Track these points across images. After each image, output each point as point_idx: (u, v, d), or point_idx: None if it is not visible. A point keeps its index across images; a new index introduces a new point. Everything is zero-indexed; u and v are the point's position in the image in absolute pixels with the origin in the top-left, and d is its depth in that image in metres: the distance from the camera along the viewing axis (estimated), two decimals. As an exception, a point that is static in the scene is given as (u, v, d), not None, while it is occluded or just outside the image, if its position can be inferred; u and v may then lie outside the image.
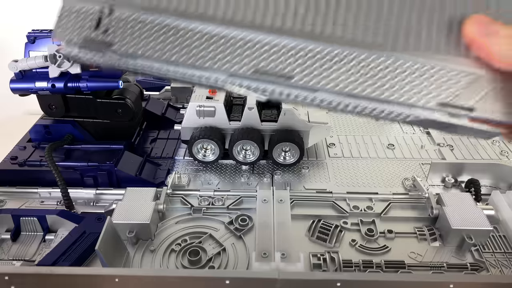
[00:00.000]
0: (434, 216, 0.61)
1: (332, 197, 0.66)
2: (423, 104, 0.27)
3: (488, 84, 0.27)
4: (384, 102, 0.28)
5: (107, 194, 0.68)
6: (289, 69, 0.29)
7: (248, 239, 0.59)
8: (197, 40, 0.29)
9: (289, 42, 0.29)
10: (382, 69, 0.28)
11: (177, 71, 0.30)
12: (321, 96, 0.29)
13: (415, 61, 0.28)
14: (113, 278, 0.42)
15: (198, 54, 0.29)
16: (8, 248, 0.59)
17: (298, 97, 0.29)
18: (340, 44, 0.28)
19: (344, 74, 0.28)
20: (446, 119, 0.28)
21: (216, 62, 0.29)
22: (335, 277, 0.42)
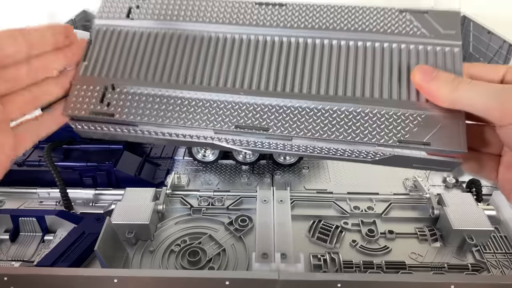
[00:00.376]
0: (435, 216, 0.61)
1: (332, 197, 0.66)
2: (385, 142, 0.31)
3: (438, 121, 0.31)
4: (352, 143, 0.33)
5: (106, 194, 0.67)
6: (265, 123, 0.34)
7: (248, 240, 0.58)
8: (186, 105, 0.34)
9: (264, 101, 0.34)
10: (346, 115, 0.33)
11: (170, 133, 0.35)
12: (296, 142, 0.34)
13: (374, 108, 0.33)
14: (112, 279, 0.42)
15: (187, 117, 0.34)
16: (7, 249, 0.59)
17: (277, 147, 0.34)
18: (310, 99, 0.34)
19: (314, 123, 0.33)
20: (408, 153, 0.32)
21: (203, 122, 0.34)
22: (336, 278, 0.42)
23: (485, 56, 0.95)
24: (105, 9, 0.40)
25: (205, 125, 0.34)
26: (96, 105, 0.34)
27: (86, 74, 0.36)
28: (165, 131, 0.35)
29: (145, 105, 0.34)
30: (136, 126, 0.35)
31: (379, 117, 0.33)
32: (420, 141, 0.31)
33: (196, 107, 0.34)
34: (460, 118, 0.31)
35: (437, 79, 0.30)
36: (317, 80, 0.35)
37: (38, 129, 0.31)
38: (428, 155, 0.32)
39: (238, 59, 0.37)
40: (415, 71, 0.32)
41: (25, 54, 0.29)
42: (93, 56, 0.37)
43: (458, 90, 0.29)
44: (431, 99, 0.31)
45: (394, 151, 0.32)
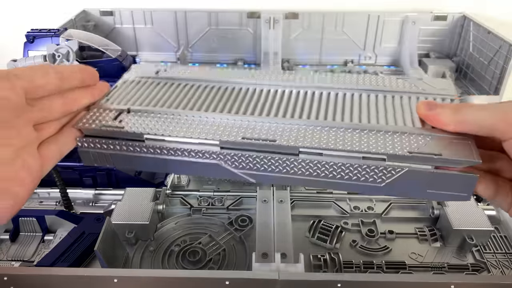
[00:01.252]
0: (435, 216, 0.61)
1: (332, 197, 0.66)
2: (396, 152, 0.31)
3: (447, 140, 0.31)
4: (361, 156, 0.32)
5: (106, 194, 0.67)
6: (272, 136, 0.34)
7: (248, 240, 0.58)
8: (195, 122, 0.35)
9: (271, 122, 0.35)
10: (354, 134, 0.33)
11: (175, 149, 0.35)
12: (304, 157, 0.33)
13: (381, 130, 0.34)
14: (112, 279, 0.42)
15: (195, 130, 0.34)
16: (7, 249, 0.59)
17: (284, 165, 0.34)
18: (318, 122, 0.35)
19: (322, 138, 0.33)
20: (420, 168, 0.31)
21: (210, 134, 0.34)
22: (336, 278, 0.42)
23: (485, 56, 0.95)
24: (136, 69, 0.44)
25: (211, 137, 0.34)
26: (108, 121, 0.36)
27: (106, 103, 0.38)
28: (169, 147, 0.35)
29: (156, 122, 0.36)
30: (142, 142, 0.35)
31: (387, 136, 0.33)
32: (431, 152, 0.31)
33: (205, 124, 0.35)
34: (469, 139, 0.31)
35: (441, 106, 0.32)
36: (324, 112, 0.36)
37: (60, 149, 0.33)
38: (441, 170, 0.31)
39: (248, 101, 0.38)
40: (419, 104, 0.33)
41: (56, 86, 0.32)
42: (116, 94, 0.40)
43: (461, 110, 0.30)
44: (436, 124, 0.32)
45: (405, 166, 0.31)
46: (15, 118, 0.29)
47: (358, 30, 1.07)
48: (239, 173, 0.35)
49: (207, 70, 0.43)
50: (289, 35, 1.08)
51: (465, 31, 1.04)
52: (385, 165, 0.31)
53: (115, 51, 0.68)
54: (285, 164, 0.33)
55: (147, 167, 0.37)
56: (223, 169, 0.35)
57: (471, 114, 0.29)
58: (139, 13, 1.06)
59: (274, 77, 0.41)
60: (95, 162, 0.37)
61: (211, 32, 1.08)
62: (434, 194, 0.32)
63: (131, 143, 0.35)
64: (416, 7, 1.07)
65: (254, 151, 0.33)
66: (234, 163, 0.34)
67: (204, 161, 0.35)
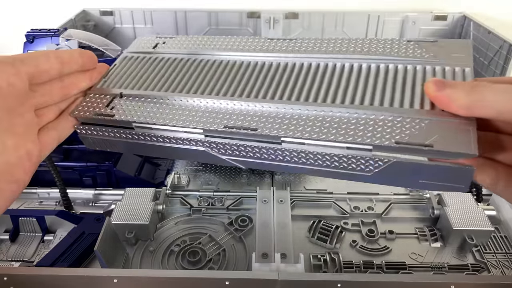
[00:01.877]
0: (435, 216, 0.61)
1: (332, 197, 0.66)
2: (381, 143, 0.29)
3: (444, 126, 0.28)
4: (345, 145, 0.30)
5: (106, 194, 0.67)
6: (255, 124, 0.33)
7: (248, 240, 0.58)
8: (181, 109, 0.36)
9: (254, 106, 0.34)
10: (341, 119, 0.31)
11: (163, 136, 0.35)
12: (286, 146, 0.32)
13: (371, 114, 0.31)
14: (112, 279, 0.42)
15: (180, 118, 0.35)
16: (6, 249, 0.59)
17: (268, 153, 0.33)
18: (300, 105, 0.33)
19: (306, 125, 0.32)
20: (409, 159, 0.29)
21: (194, 123, 0.34)
22: (336, 278, 0.42)
23: (485, 56, 0.94)
24: (136, 44, 0.46)
25: (195, 125, 0.34)
26: (101, 109, 0.36)
27: (102, 87, 0.39)
28: (158, 134, 0.35)
29: (144, 109, 0.36)
30: (132, 130, 0.36)
31: (377, 122, 0.30)
32: (420, 143, 0.28)
33: (191, 111, 0.35)
34: (471, 125, 0.28)
35: (453, 86, 0.28)
36: (316, 92, 0.34)
37: (59, 134, 0.34)
38: (434, 162, 0.28)
39: (233, 76, 0.38)
40: (428, 83, 0.29)
41: (57, 71, 0.32)
42: (113, 74, 0.41)
43: (476, 92, 0.26)
44: (445, 107, 0.28)
45: (393, 157, 0.29)
46: (19, 105, 0.29)
47: (358, 30, 1.07)
48: (226, 159, 0.35)
49: (200, 40, 0.44)
50: (289, 35, 1.08)
51: (465, 31, 1.04)
52: (371, 155, 0.29)
53: (115, 51, 0.68)
54: (269, 152, 0.33)
55: (139, 151, 0.38)
56: (210, 155, 0.35)
57: (489, 97, 0.25)
58: (139, 13, 1.06)
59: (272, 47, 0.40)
60: (95, 146, 0.39)
61: (211, 32, 1.08)
62: (427, 185, 0.30)
63: (122, 130, 0.36)
64: (416, 7, 1.07)
65: (237, 139, 0.33)
66: (220, 150, 0.34)
67: (191, 147, 0.35)
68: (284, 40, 0.41)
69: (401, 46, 0.36)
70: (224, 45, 0.43)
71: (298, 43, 0.40)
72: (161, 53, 0.43)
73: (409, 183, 0.30)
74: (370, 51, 0.37)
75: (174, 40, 0.44)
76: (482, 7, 1.07)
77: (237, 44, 0.42)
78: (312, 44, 0.39)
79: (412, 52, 0.36)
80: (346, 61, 0.36)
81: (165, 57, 0.42)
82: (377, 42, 0.37)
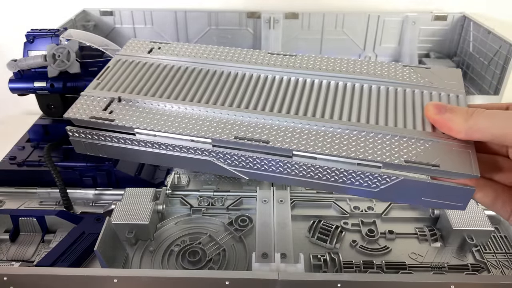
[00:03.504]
0: (435, 216, 0.61)
1: (332, 197, 0.66)
2: (391, 161, 0.30)
3: (446, 148, 0.30)
4: (356, 162, 0.31)
5: (106, 194, 0.67)
6: (266, 137, 0.33)
7: (248, 240, 0.58)
8: (187, 118, 0.35)
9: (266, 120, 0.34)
10: (350, 136, 0.32)
11: (167, 144, 0.34)
12: (297, 160, 0.32)
13: (379, 132, 0.32)
14: (112, 279, 0.42)
15: (186, 127, 0.34)
16: (7, 249, 0.59)
17: (277, 165, 0.33)
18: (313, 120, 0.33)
19: (317, 140, 0.32)
20: (416, 178, 0.30)
21: (202, 132, 0.33)
22: (336, 278, 0.42)
23: (485, 56, 0.94)
24: (129, 47, 0.43)
25: (203, 134, 0.33)
26: (98, 112, 0.35)
27: (96, 89, 0.37)
28: (161, 142, 0.34)
29: (146, 115, 0.35)
30: (133, 135, 0.35)
31: (385, 141, 0.32)
32: (428, 163, 0.30)
33: (198, 120, 0.34)
34: (470, 148, 0.30)
35: (452, 111, 0.30)
36: (322, 107, 0.35)
37: None
38: (438, 181, 0.30)
39: (244, 89, 0.37)
40: (428, 106, 0.32)
41: None
42: (107, 77, 0.39)
43: (473, 118, 0.29)
44: (446, 130, 0.31)
45: (401, 175, 0.30)
46: None
47: (358, 30, 1.07)
48: (231, 170, 0.34)
49: (202, 49, 0.42)
50: (289, 35, 1.08)
51: (465, 31, 1.04)
52: (380, 172, 0.31)
53: (115, 51, 0.68)
54: (278, 165, 0.33)
55: (139, 159, 0.37)
56: (215, 166, 0.34)
57: (484, 123, 0.28)
58: (139, 13, 1.06)
59: (273, 61, 0.40)
60: (87, 151, 0.37)
61: (211, 32, 1.08)
62: (429, 202, 0.31)
63: (122, 135, 0.35)
64: (416, 7, 1.07)
65: (247, 150, 0.33)
66: (226, 160, 0.34)
67: (196, 157, 0.34)
68: (290, 56, 0.41)
69: (397, 70, 0.38)
70: (229, 56, 0.41)
71: (305, 59, 0.40)
72: (159, 58, 0.41)
73: (411, 200, 0.32)
74: (369, 72, 0.38)
75: (170, 46, 0.43)
76: (482, 7, 1.07)
77: (243, 56, 0.41)
78: (319, 62, 0.40)
79: (408, 76, 0.37)
80: (349, 81, 0.38)
81: (163, 63, 0.41)
82: (374, 64, 0.39)
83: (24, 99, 0.74)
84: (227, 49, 0.42)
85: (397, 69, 0.38)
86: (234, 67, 0.40)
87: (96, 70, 0.67)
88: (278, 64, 0.39)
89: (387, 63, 0.39)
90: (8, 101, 0.94)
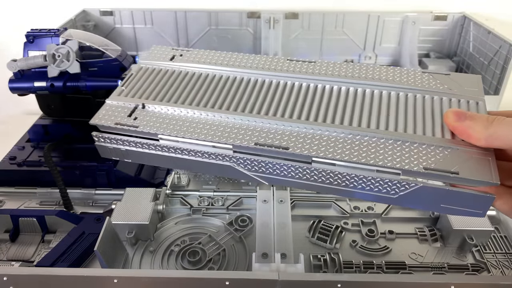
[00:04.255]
0: (435, 216, 0.61)
1: (332, 197, 0.66)
2: (411, 168, 0.30)
3: (466, 155, 0.30)
4: (375, 169, 0.31)
5: (106, 194, 0.67)
6: (285, 143, 0.33)
7: (248, 240, 0.58)
8: (208, 124, 0.35)
9: (285, 126, 0.34)
10: (370, 143, 0.32)
11: (189, 150, 0.35)
12: (316, 166, 0.32)
13: (398, 139, 0.32)
14: (112, 279, 0.42)
15: (208, 133, 0.34)
16: (6, 249, 0.59)
17: (296, 171, 0.33)
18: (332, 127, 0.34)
19: (336, 147, 0.32)
20: (435, 185, 0.31)
21: (223, 138, 0.34)
22: (336, 278, 0.42)
23: (485, 56, 0.94)
24: (151, 54, 0.44)
25: (224, 140, 0.34)
26: (123, 119, 0.36)
27: (120, 96, 0.38)
28: (183, 147, 0.35)
29: (169, 121, 0.36)
30: (157, 141, 0.36)
31: (404, 148, 0.32)
32: (447, 170, 0.30)
33: (219, 126, 0.35)
34: (490, 155, 0.30)
35: (472, 118, 0.30)
36: (341, 114, 0.35)
37: None
38: (457, 188, 0.30)
39: (264, 96, 0.38)
40: (448, 113, 0.31)
41: None
42: (131, 84, 0.40)
43: (493, 126, 0.29)
44: (465, 137, 0.30)
45: (420, 182, 0.30)
46: None
47: (358, 30, 1.07)
48: (252, 175, 0.35)
49: (223, 56, 0.43)
50: (289, 35, 1.08)
51: (465, 31, 1.04)
52: (399, 179, 0.31)
53: (115, 51, 0.68)
54: (298, 171, 0.33)
55: (161, 163, 0.38)
56: (236, 171, 0.35)
57: (505, 131, 0.28)
58: (139, 13, 1.06)
59: (293, 67, 0.40)
60: (112, 156, 0.38)
61: (211, 32, 1.08)
62: (447, 209, 0.31)
63: (146, 141, 0.36)
64: (416, 7, 1.07)
65: (266, 156, 0.33)
66: (247, 166, 0.34)
67: (217, 162, 0.35)
68: (309, 63, 0.41)
69: (416, 76, 0.38)
70: (249, 63, 0.42)
71: (324, 66, 0.41)
72: (180, 65, 0.42)
73: (430, 207, 0.32)
74: (388, 79, 0.38)
75: (192, 53, 0.44)
76: (482, 7, 1.07)
77: (262, 62, 0.42)
78: (338, 68, 0.40)
79: (427, 83, 0.37)
80: (368, 87, 0.38)
81: (185, 70, 0.41)
82: (393, 70, 0.39)
83: (24, 99, 0.74)
84: (247, 56, 0.43)
85: (416, 76, 0.38)
86: (254, 73, 0.40)
87: (96, 70, 0.67)
88: (297, 71, 0.40)
89: (406, 69, 0.39)
90: (8, 101, 0.94)
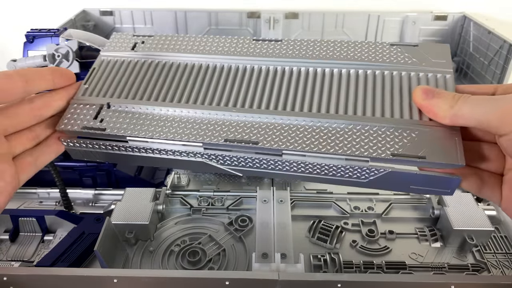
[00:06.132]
0: (435, 216, 0.61)
1: (332, 197, 0.66)
2: (378, 155, 0.31)
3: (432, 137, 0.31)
4: (344, 157, 0.32)
5: (106, 194, 0.67)
6: (255, 137, 0.33)
7: (248, 240, 0.58)
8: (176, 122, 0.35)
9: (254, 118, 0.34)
10: (338, 131, 0.33)
11: (159, 149, 0.35)
12: (287, 158, 0.33)
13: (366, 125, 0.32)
14: (112, 279, 0.42)
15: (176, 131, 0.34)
16: (6, 249, 0.59)
17: (268, 164, 0.33)
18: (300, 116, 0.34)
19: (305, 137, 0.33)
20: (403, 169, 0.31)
21: (192, 137, 0.33)
22: (336, 278, 0.42)
23: (485, 56, 0.94)
24: (112, 43, 0.43)
25: (194, 139, 0.33)
26: (89, 122, 0.35)
27: (85, 95, 0.37)
28: (153, 147, 0.35)
29: (136, 121, 0.35)
30: (126, 143, 0.35)
31: (372, 133, 0.32)
32: (414, 155, 0.30)
33: (187, 123, 0.35)
34: (456, 135, 0.30)
35: (439, 96, 0.30)
36: (309, 100, 0.35)
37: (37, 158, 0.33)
38: (424, 171, 0.31)
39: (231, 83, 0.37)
40: (416, 91, 0.32)
41: (21, 90, 0.30)
42: (94, 80, 0.39)
43: (458, 104, 0.29)
44: (432, 116, 0.31)
45: (388, 167, 0.31)
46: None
47: (358, 30, 1.07)
48: (225, 168, 0.35)
49: (186, 40, 0.41)
50: (289, 35, 1.08)
51: (465, 31, 1.04)
52: (368, 165, 0.31)
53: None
54: (270, 163, 0.33)
55: (133, 163, 0.37)
56: (209, 166, 0.35)
57: (469, 109, 0.28)
58: (139, 13, 1.06)
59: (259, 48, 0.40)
60: (84, 158, 0.38)
61: (211, 32, 1.08)
62: (417, 190, 0.32)
63: (115, 143, 0.35)
64: (416, 7, 1.07)
65: (237, 151, 0.33)
66: (219, 161, 0.34)
67: (189, 159, 0.35)
68: (276, 42, 0.41)
69: (384, 50, 0.38)
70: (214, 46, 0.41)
71: (291, 45, 0.40)
72: (142, 55, 0.41)
73: (400, 188, 0.33)
74: (356, 55, 0.38)
75: (154, 40, 0.42)
76: (482, 7, 1.07)
77: (227, 45, 0.41)
78: (298, 46, 0.40)
79: (395, 57, 0.37)
80: (336, 67, 0.37)
81: (147, 61, 0.40)
82: (361, 45, 0.38)
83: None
84: (211, 38, 0.42)
85: (384, 49, 0.38)
86: (220, 59, 0.39)
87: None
88: (263, 53, 0.39)
89: (374, 43, 0.38)
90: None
